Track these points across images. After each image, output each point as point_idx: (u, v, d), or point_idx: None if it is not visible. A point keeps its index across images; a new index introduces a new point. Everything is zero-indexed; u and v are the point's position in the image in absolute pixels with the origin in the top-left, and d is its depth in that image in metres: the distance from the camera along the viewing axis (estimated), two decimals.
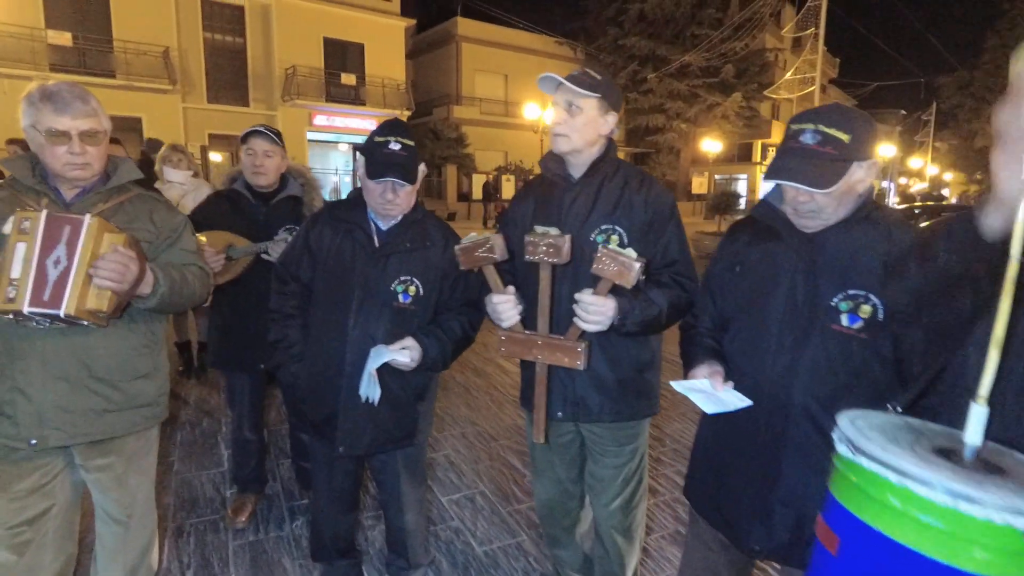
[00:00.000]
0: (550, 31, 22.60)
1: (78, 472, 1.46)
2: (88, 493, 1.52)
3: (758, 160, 28.96)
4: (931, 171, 34.75)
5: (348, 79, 17.70)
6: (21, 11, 12.94)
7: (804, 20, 16.75)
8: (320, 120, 17.48)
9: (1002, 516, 0.64)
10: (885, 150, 24.30)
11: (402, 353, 1.49)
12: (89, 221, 1.24)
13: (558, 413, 1.50)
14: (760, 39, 21.24)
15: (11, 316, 1.21)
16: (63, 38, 13.44)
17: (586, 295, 1.26)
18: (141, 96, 13.96)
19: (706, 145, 21.08)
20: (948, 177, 34.71)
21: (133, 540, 1.54)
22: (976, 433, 0.74)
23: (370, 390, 1.50)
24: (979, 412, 0.73)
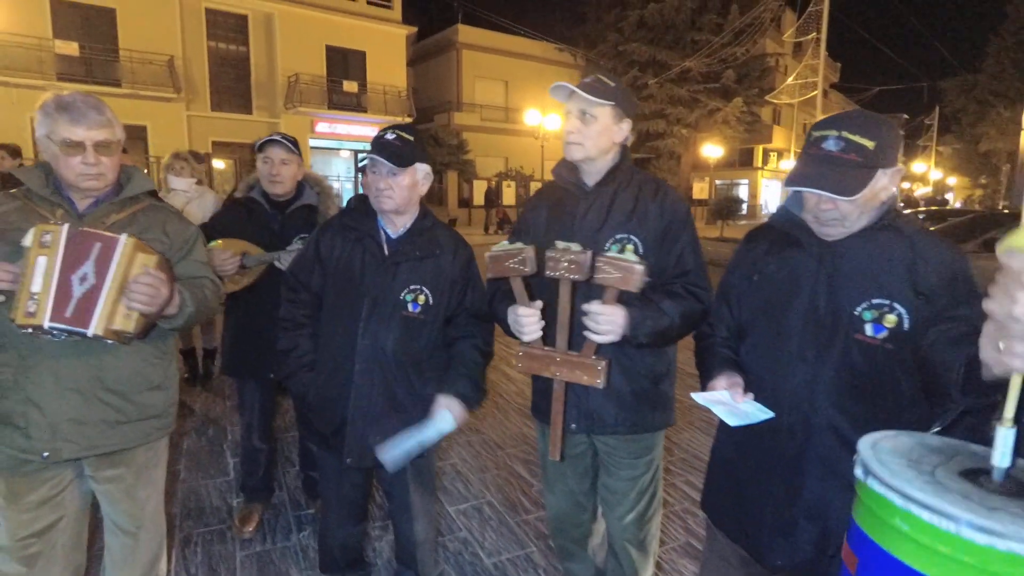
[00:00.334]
0: (550, 37, 22.71)
1: (87, 483, 1.45)
2: (96, 503, 1.50)
3: (759, 165, 29.02)
4: (934, 175, 34.75)
5: (350, 86, 17.81)
6: (29, 21, 13.11)
7: (805, 25, 16.80)
8: (322, 127, 17.57)
9: (1007, 544, 0.63)
10: None
11: (446, 421, 1.50)
12: (124, 241, 1.23)
13: (572, 425, 1.48)
14: (761, 44, 21.30)
15: (30, 330, 1.19)
16: (70, 48, 13.60)
17: (594, 305, 1.25)
18: (146, 105, 14.05)
19: (707, 150, 21.10)
20: (952, 181, 34.69)
21: (142, 551, 1.53)
22: (1004, 455, 0.73)
23: (395, 459, 1.48)
24: (1005, 434, 0.72)
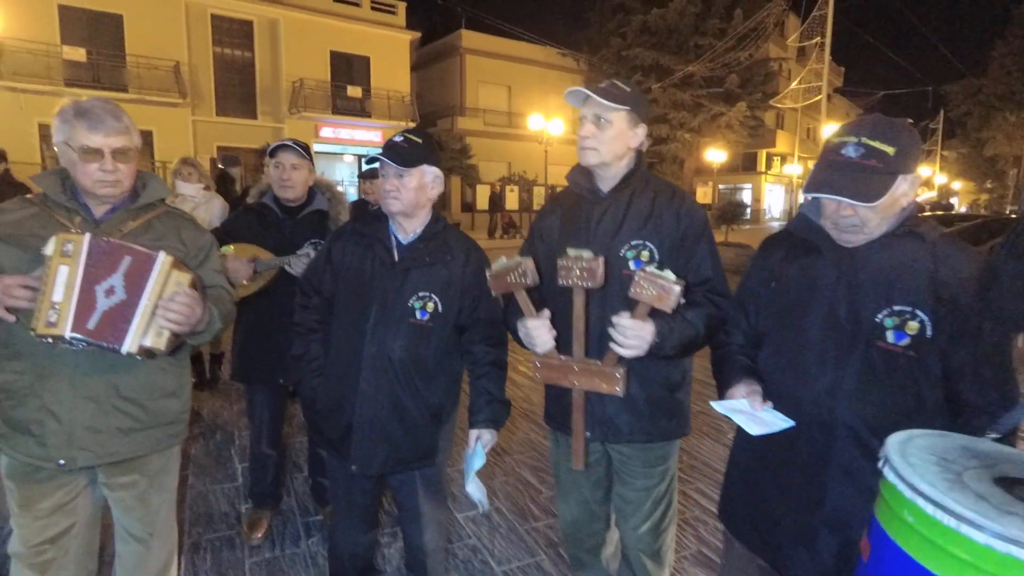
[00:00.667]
0: (553, 42, 22.79)
1: (99, 489, 1.44)
2: (108, 509, 1.50)
3: (763, 169, 28.99)
4: (939, 180, 34.63)
5: (354, 91, 17.89)
6: (38, 28, 13.23)
7: (809, 29, 16.78)
8: (326, 132, 17.63)
9: (1006, 547, 0.64)
10: None
11: (479, 456, 1.55)
12: (163, 259, 1.22)
13: (587, 433, 1.46)
14: (764, 49, 21.31)
15: (50, 340, 1.18)
16: (78, 54, 13.72)
17: (624, 319, 1.22)
18: (152, 110, 14.14)
19: (710, 155, 21.09)
20: (957, 186, 34.55)
21: (153, 559, 1.52)
22: None
23: (478, 491, 1.55)
24: None
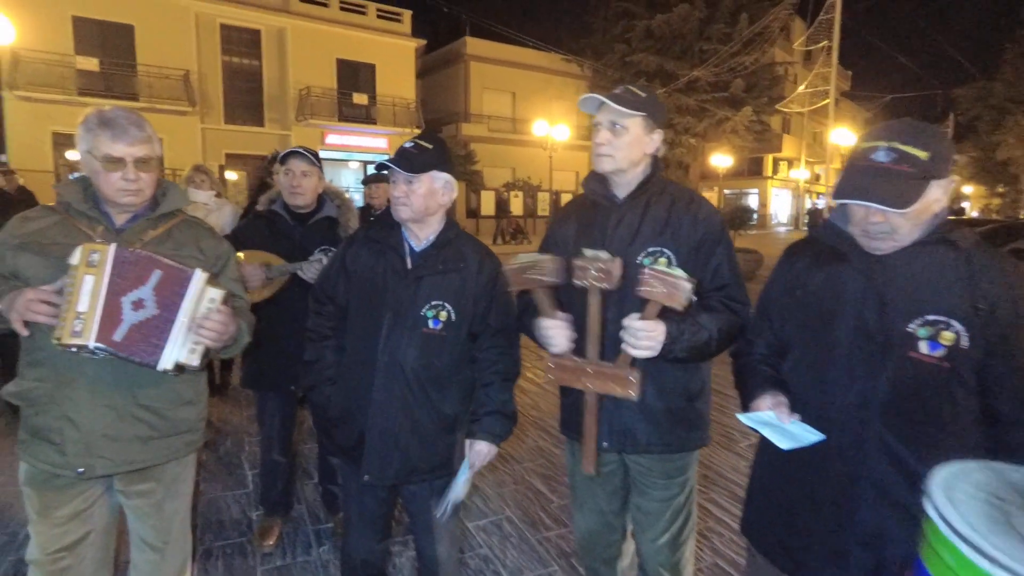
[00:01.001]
0: (557, 48, 22.84)
1: (116, 496, 1.45)
2: (123, 517, 1.50)
3: (769, 174, 28.86)
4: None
5: (360, 99, 18.01)
6: (52, 38, 13.50)
7: (816, 33, 16.70)
8: (332, 139, 17.74)
9: None
10: None
11: (464, 478, 1.56)
12: (200, 276, 1.24)
13: (603, 443, 1.44)
14: (770, 53, 21.25)
15: (75, 349, 1.18)
16: (90, 63, 13.99)
17: (634, 320, 1.21)
18: (162, 118, 14.27)
19: (715, 160, 21.03)
20: (968, 190, 34.23)
21: (168, 567, 1.51)
22: None
23: (446, 508, 1.59)
24: None
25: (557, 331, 1.28)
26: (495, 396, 1.56)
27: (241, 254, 2.10)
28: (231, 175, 15.37)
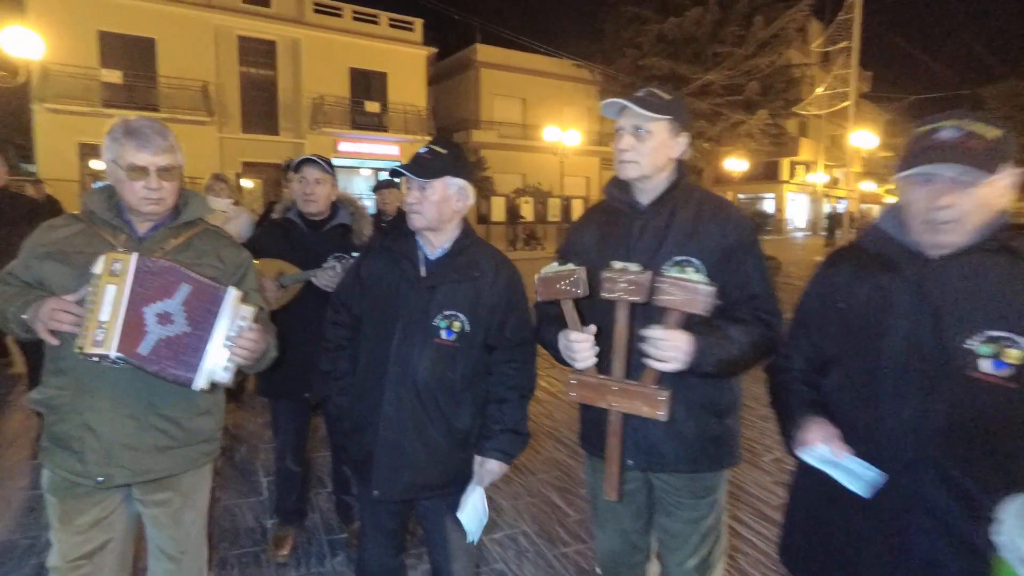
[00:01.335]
0: (568, 54, 22.86)
1: (134, 505, 1.45)
2: (141, 524, 1.51)
3: (785, 178, 28.43)
4: None
5: (372, 107, 18.21)
6: (78, 52, 14.01)
7: (834, 34, 16.40)
8: (345, 147, 17.93)
9: None
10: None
11: (479, 501, 1.52)
12: (233, 294, 1.24)
13: (628, 461, 1.37)
14: (786, 55, 20.98)
15: (96, 359, 1.18)
16: (114, 76, 14.52)
17: (655, 330, 1.15)
18: (182, 128, 14.55)
19: (730, 164, 20.79)
20: None
21: None
22: None
23: (473, 526, 1.53)
24: None
25: (584, 345, 1.22)
26: (509, 414, 1.51)
27: (256, 262, 2.11)
28: (247, 183, 15.61)
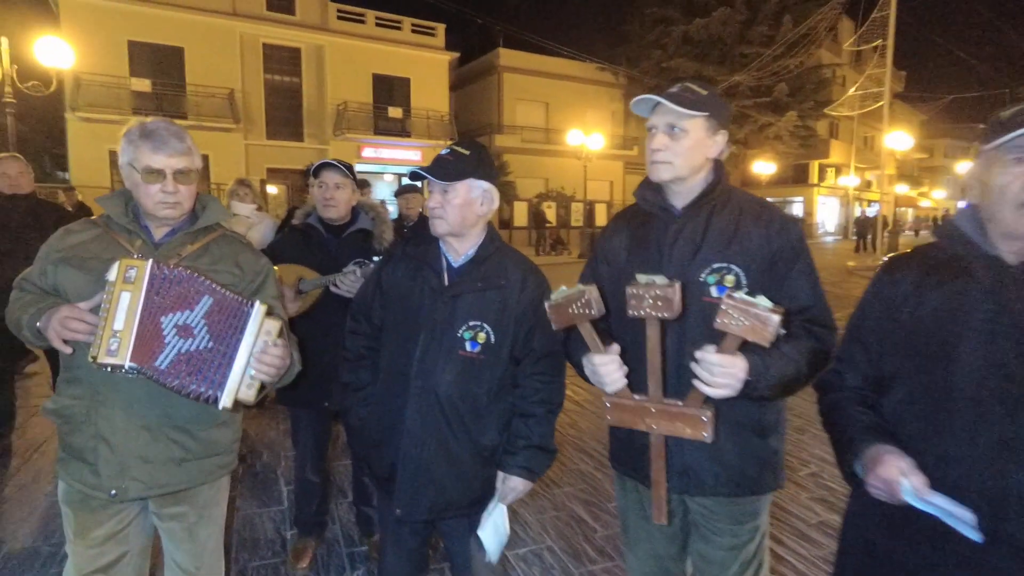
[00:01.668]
0: (591, 57, 22.70)
1: (151, 518, 1.43)
2: (157, 536, 1.48)
3: (815, 182, 27.62)
4: None
5: (395, 112, 18.43)
6: (109, 62, 14.55)
7: (868, 32, 15.88)
8: (368, 152, 18.17)
9: None
10: (963, 168, 22.73)
11: (501, 518, 1.46)
12: (259, 309, 1.21)
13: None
14: (816, 55, 20.43)
15: (109, 368, 1.14)
16: (143, 84, 15.04)
17: (710, 354, 1.03)
18: (209, 135, 14.96)
19: (758, 167, 20.33)
20: None
21: None
22: None
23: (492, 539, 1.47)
24: None
25: (611, 367, 1.13)
26: (535, 429, 1.43)
27: (276, 268, 2.09)
28: (272, 189, 15.94)
